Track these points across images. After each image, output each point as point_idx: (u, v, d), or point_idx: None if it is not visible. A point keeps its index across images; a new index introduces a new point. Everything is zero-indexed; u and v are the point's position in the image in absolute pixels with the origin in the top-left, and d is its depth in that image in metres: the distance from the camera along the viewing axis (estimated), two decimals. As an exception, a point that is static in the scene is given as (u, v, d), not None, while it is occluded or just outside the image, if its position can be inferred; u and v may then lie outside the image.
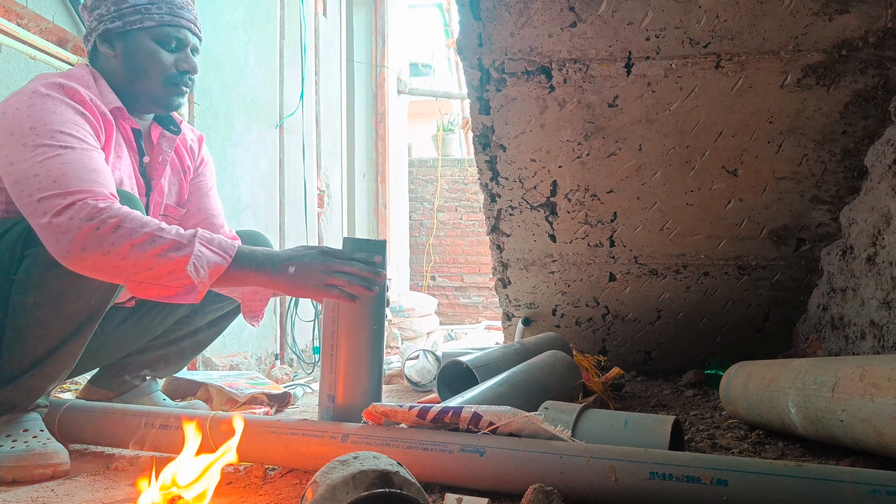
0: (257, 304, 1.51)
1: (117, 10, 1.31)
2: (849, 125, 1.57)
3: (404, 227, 6.30)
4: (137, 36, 1.32)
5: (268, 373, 2.73)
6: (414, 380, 2.22)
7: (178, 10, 1.35)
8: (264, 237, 1.72)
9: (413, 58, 7.93)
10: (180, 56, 1.37)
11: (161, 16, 1.33)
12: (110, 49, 1.33)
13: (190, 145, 1.56)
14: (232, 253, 1.14)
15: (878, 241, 1.55)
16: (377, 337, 1.28)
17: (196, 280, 1.09)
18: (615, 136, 1.72)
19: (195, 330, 1.65)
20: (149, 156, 1.44)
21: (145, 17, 1.32)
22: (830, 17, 1.40)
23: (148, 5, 1.32)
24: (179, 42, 1.36)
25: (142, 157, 1.41)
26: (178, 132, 1.49)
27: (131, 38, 1.32)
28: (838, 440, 1.12)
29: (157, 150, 1.45)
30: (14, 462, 1.11)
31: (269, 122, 3.23)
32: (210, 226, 1.56)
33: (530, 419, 1.00)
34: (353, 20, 5.20)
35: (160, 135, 1.45)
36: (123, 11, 1.31)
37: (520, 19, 1.53)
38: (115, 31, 1.32)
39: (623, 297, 2.12)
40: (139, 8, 1.31)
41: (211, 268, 1.11)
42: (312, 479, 0.76)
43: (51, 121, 1.13)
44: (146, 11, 1.32)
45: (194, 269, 1.09)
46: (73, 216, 1.05)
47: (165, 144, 1.46)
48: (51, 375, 1.21)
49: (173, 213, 1.52)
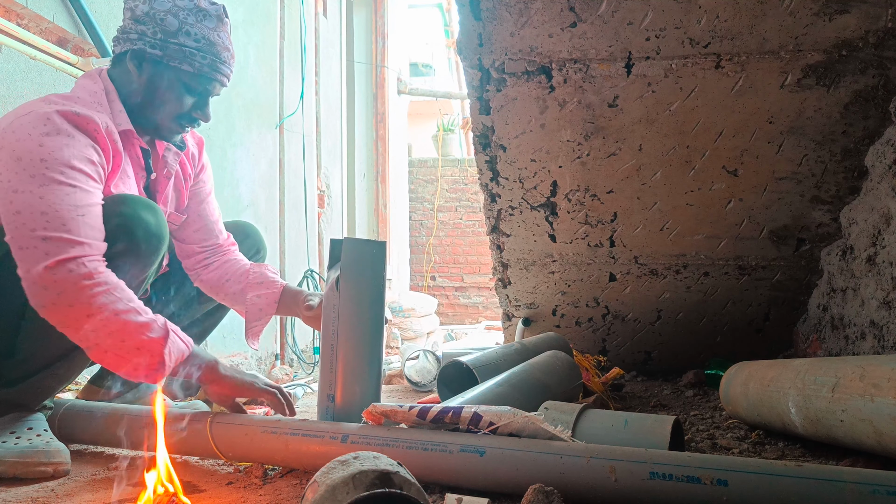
0: (258, 327, 1.54)
1: (163, 41, 1.27)
2: (849, 125, 1.57)
3: (404, 227, 6.30)
4: (170, 73, 1.29)
5: (268, 373, 2.73)
6: (414, 380, 2.22)
7: (219, 66, 1.34)
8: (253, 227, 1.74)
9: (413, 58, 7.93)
10: (199, 103, 1.36)
11: (201, 66, 1.30)
12: (137, 69, 1.29)
13: (192, 152, 1.57)
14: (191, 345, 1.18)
15: (878, 241, 1.55)
16: (376, 337, 1.28)
17: (167, 361, 1.12)
18: (615, 136, 1.72)
19: (191, 324, 1.65)
20: (156, 172, 1.45)
21: (185, 62, 1.29)
22: (830, 17, 1.40)
23: (194, 51, 1.29)
24: (206, 92, 1.36)
25: (149, 175, 1.42)
26: (184, 147, 1.49)
27: (163, 70, 1.29)
28: (838, 440, 1.12)
29: (162, 163, 1.46)
30: (17, 458, 1.13)
31: (270, 122, 3.24)
32: (209, 231, 1.58)
33: (530, 419, 1.00)
34: (353, 20, 5.20)
35: (165, 148, 1.46)
36: (168, 45, 1.27)
37: (520, 19, 1.53)
38: (151, 57, 1.28)
39: (623, 297, 2.12)
40: (185, 50, 1.28)
41: (178, 354, 1.15)
42: (312, 479, 0.76)
43: (62, 155, 1.11)
44: (190, 56, 1.29)
45: (168, 353, 1.12)
46: (73, 269, 1.05)
47: (171, 158, 1.47)
48: (62, 377, 1.22)
49: (174, 220, 1.54)
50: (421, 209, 7.47)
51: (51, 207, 1.07)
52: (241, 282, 1.54)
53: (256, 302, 1.52)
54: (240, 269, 1.56)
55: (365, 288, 1.26)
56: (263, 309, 1.52)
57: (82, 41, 1.91)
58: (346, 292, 1.24)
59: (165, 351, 1.11)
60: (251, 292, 1.53)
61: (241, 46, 2.94)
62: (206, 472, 1.17)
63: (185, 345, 1.16)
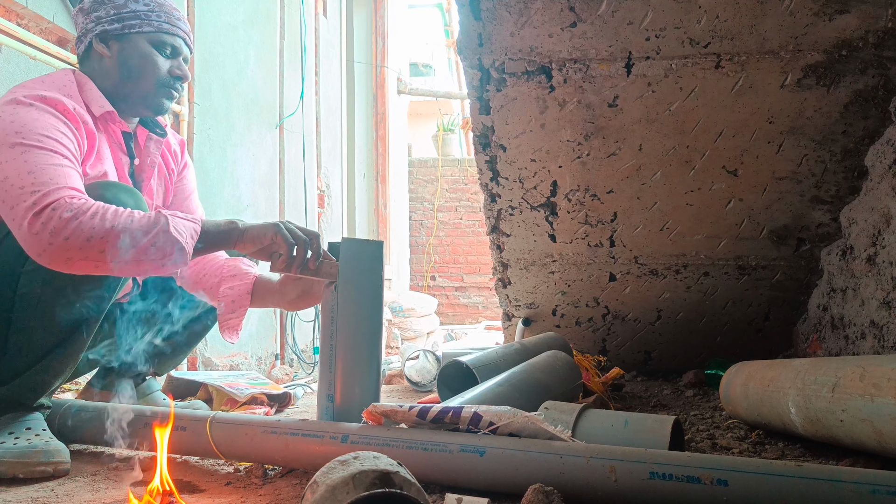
0: (233, 320, 1.50)
1: (117, 14, 1.34)
2: (849, 125, 1.57)
3: (404, 227, 6.30)
4: (135, 39, 1.35)
5: (268, 373, 2.73)
6: (414, 380, 2.22)
7: (175, 21, 1.40)
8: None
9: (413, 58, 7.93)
10: (174, 63, 1.40)
11: (160, 23, 1.37)
12: (106, 49, 1.35)
13: (174, 149, 1.59)
14: (199, 218, 1.19)
15: (878, 241, 1.55)
16: (376, 337, 1.28)
17: (182, 241, 1.12)
18: (615, 136, 1.72)
19: (190, 321, 1.65)
20: (138, 158, 1.46)
21: (144, 23, 1.35)
22: (830, 17, 1.40)
23: (148, 12, 1.35)
24: (174, 49, 1.40)
25: (132, 160, 1.43)
26: (165, 135, 1.51)
27: (129, 39, 1.35)
28: (838, 440, 1.12)
29: (145, 152, 1.47)
30: (16, 458, 1.12)
31: (270, 122, 3.24)
32: None
33: (530, 419, 1.00)
34: (353, 20, 5.20)
35: (147, 137, 1.47)
36: (123, 15, 1.34)
37: (520, 19, 1.53)
38: (113, 33, 1.34)
39: (623, 297, 2.12)
40: (139, 13, 1.35)
41: (189, 231, 1.15)
42: (312, 479, 0.76)
43: (35, 126, 1.15)
44: (146, 17, 1.35)
45: (177, 232, 1.12)
46: (56, 207, 1.07)
47: (153, 147, 1.48)
48: (56, 370, 1.22)
49: None
50: (421, 209, 7.47)
51: (37, 167, 1.11)
52: (218, 275, 1.52)
53: (229, 294, 1.49)
54: (217, 263, 1.54)
55: (363, 288, 1.26)
56: (236, 301, 1.49)
57: (81, 40, 1.91)
58: (344, 292, 1.24)
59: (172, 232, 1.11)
60: (224, 285, 1.50)
61: (241, 46, 2.94)
62: (206, 472, 1.17)
63: (192, 221, 1.17)
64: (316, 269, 1.24)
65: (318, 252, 1.24)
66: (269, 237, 1.20)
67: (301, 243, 1.22)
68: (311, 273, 1.24)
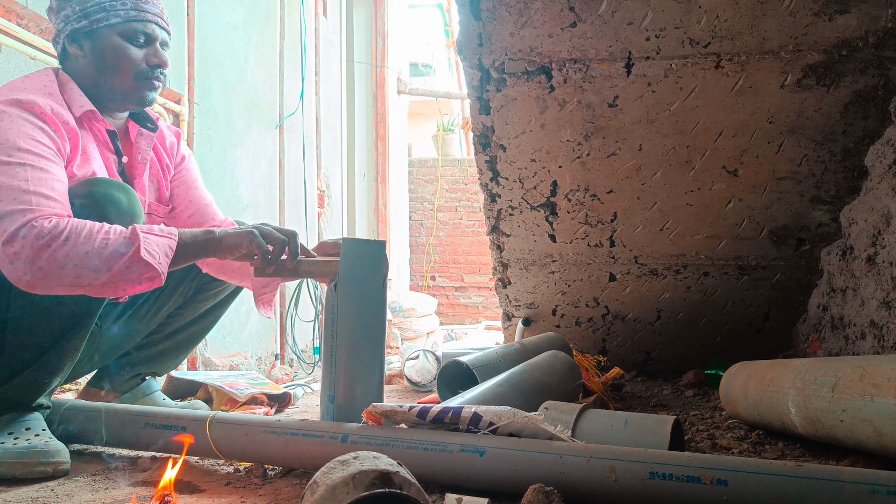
0: (268, 294, 1.52)
1: (82, 10, 1.30)
2: (849, 125, 1.57)
3: (404, 227, 6.30)
4: (104, 33, 1.31)
5: (268, 373, 2.73)
6: (414, 380, 2.22)
7: (142, 5, 1.34)
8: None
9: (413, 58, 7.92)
10: (150, 51, 1.36)
11: (126, 11, 1.32)
12: (79, 49, 1.32)
13: (169, 142, 1.56)
14: (175, 232, 1.18)
15: (878, 241, 1.55)
16: (377, 337, 1.28)
17: (154, 263, 1.12)
18: (615, 136, 1.72)
19: (190, 321, 1.65)
20: (127, 156, 1.43)
21: (111, 14, 1.31)
22: (830, 17, 1.40)
23: (112, 2, 1.31)
24: (147, 37, 1.35)
25: (120, 158, 1.41)
26: (156, 129, 1.48)
27: (98, 35, 1.31)
28: (838, 440, 1.12)
29: (135, 148, 1.45)
30: (16, 459, 1.12)
31: (270, 122, 3.23)
32: (203, 214, 1.57)
33: (530, 419, 1.00)
34: (353, 20, 5.20)
35: (138, 133, 1.45)
36: (88, 10, 1.30)
37: (520, 19, 1.53)
38: (82, 31, 1.31)
39: (623, 297, 2.12)
40: (104, 5, 1.30)
41: (163, 249, 1.15)
42: (312, 479, 0.76)
43: (7, 139, 1.13)
44: (111, 8, 1.31)
45: (149, 254, 1.12)
46: (25, 234, 1.06)
47: (144, 143, 1.46)
48: (53, 369, 1.21)
49: (156, 210, 1.53)
50: (421, 209, 7.47)
51: (8, 183, 1.09)
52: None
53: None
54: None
55: (365, 288, 1.26)
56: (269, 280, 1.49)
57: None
58: (345, 293, 1.24)
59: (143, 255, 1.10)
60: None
61: (241, 46, 2.94)
62: (206, 472, 1.17)
63: (167, 237, 1.16)
64: (294, 269, 1.25)
65: (296, 252, 1.25)
66: (244, 245, 1.22)
67: (278, 245, 1.23)
68: (290, 273, 1.25)
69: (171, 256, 1.16)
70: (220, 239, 1.22)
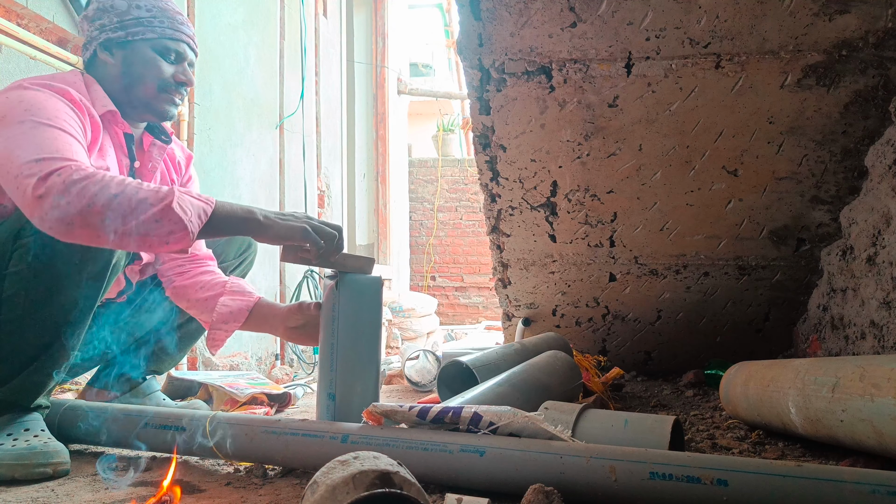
0: (222, 334, 1.49)
1: (120, 22, 1.35)
2: (849, 125, 1.57)
3: (404, 227, 6.30)
4: (139, 45, 1.37)
5: (268, 373, 2.73)
6: (414, 380, 2.22)
7: (178, 26, 1.41)
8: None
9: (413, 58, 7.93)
10: (178, 68, 1.41)
11: (163, 29, 1.38)
12: (110, 56, 1.36)
13: (178, 161, 1.59)
14: (212, 200, 1.16)
15: (878, 241, 1.55)
16: (375, 337, 1.28)
17: (185, 219, 1.08)
18: (615, 136, 1.72)
19: (189, 319, 1.65)
20: (139, 161, 1.46)
21: (147, 29, 1.36)
22: (830, 17, 1.40)
23: (150, 18, 1.37)
24: (178, 55, 1.41)
25: (132, 162, 1.43)
26: (169, 141, 1.52)
27: (132, 47, 1.36)
28: (838, 440, 1.12)
29: (147, 156, 1.47)
30: (15, 460, 1.12)
31: (270, 123, 3.24)
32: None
33: (530, 419, 1.00)
34: (353, 20, 5.20)
35: (151, 143, 1.48)
36: (126, 22, 1.35)
37: (520, 19, 1.53)
38: (117, 40, 1.35)
39: (623, 297, 2.12)
40: (142, 20, 1.36)
41: (197, 210, 1.11)
42: (312, 479, 0.76)
43: (45, 107, 1.16)
44: (149, 24, 1.36)
45: (181, 209, 1.08)
46: (61, 173, 1.06)
47: (156, 152, 1.49)
48: (49, 370, 1.21)
49: None
50: (421, 209, 7.47)
51: (44, 140, 1.11)
52: (215, 290, 1.51)
53: (229, 304, 1.48)
54: (216, 279, 1.55)
55: (364, 289, 1.26)
56: (233, 314, 1.47)
57: (82, 41, 1.91)
58: (345, 293, 1.24)
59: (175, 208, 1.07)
60: (226, 296, 1.50)
61: (241, 46, 2.94)
62: (206, 472, 1.17)
63: (203, 201, 1.13)
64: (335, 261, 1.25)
65: (342, 246, 1.24)
66: (297, 238, 1.18)
67: (330, 240, 1.21)
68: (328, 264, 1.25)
69: (205, 221, 1.12)
70: (268, 226, 1.18)
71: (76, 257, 1.17)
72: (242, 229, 1.18)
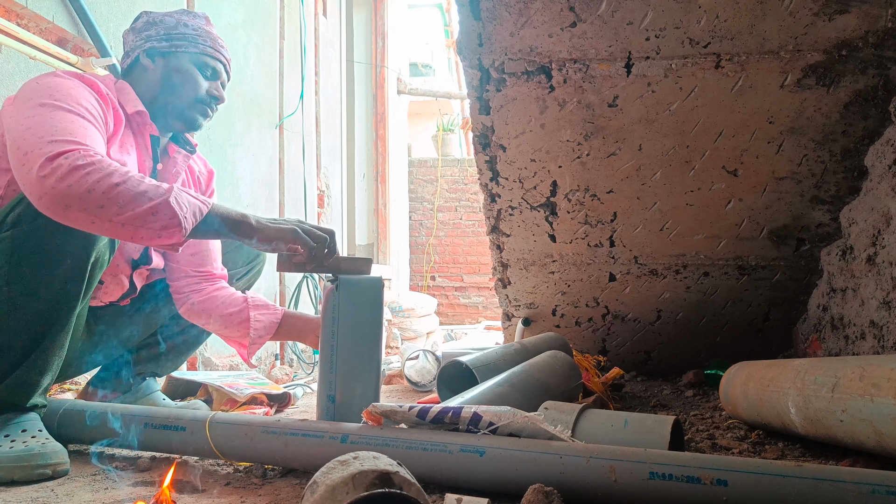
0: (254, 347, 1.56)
1: (166, 34, 1.44)
2: (849, 125, 1.57)
3: (404, 227, 6.30)
4: (181, 57, 1.45)
5: (268, 373, 2.73)
6: (414, 380, 2.21)
7: (219, 47, 1.49)
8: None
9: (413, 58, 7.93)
10: (213, 84, 1.49)
11: (205, 47, 1.46)
12: (151, 63, 1.44)
13: (198, 174, 1.63)
14: (208, 201, 1.18)
15: (878, 241, 1.55)
16: (376, 337, 1.28)
17: (181, 215, 1.11)
18: (615, 136, 1.72)
19: (190, 325, 1.65)
20: (162, 164, 1.50)
21: (191, 44, 1.45)
22: (830, 17, 1.40)
23: (195, 36, 1.46)
24: (214, 72, 1.49)
25: (155, 164, 1.47)
26: (193, 151, 1.56)
27: (175, 57, 1.44)
28: (838, 440, 1.12)
29: (171, 161, 1.52)
30: (13, 462, 1.11)
31: (269, 122, 3.23)
32: (206, 257, 1.60)
33: (530, 419, 1.00)
34: (353, 20, 5.20)
35: (176, 151, 1.53)
36: (172, 35, 1.44)
37: (520, 19, 1.53)
38: (160, 50, 1.44)
39: (623, 297, 2.12)
40: (187, 36, 1.45)
41: (193, 208, 1.14)
42: (312, 479, 0.76)
43: (70, 93, 1.21)
44: (192, 40, 1.45)
45: (177, 205, 1.11)
46: (69, 156, 1.08)
47: (180, 160, 1.54)
48: (41, 368, 1.20)
49: None
50: (421, 209, 7.47)
51: (61, 123, 1.14)
52: (237, 305, 1.56)
53: (261, 320, 1.55)
54: (234, 295, 1.59)
55: (364, 290, 1.26)
56: (266, 327, 1.55)
57: (82, 41, 1.91)
58: (346, 293, 1.24)
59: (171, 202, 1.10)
60: (256, 311, 1.56)
61: (241, 46, 2.94)
62: (206, 472, 1.17)
63: (200, 201, 1.16)
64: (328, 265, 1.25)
65: (334, 249, 1.25)
66: (287, 240, 1.20)
67: (321, 243, 1.23)
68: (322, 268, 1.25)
69: (199, 219, 1.15)
70: (258, 228, 1.20)
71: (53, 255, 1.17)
72: (235, 231, 1.20)
